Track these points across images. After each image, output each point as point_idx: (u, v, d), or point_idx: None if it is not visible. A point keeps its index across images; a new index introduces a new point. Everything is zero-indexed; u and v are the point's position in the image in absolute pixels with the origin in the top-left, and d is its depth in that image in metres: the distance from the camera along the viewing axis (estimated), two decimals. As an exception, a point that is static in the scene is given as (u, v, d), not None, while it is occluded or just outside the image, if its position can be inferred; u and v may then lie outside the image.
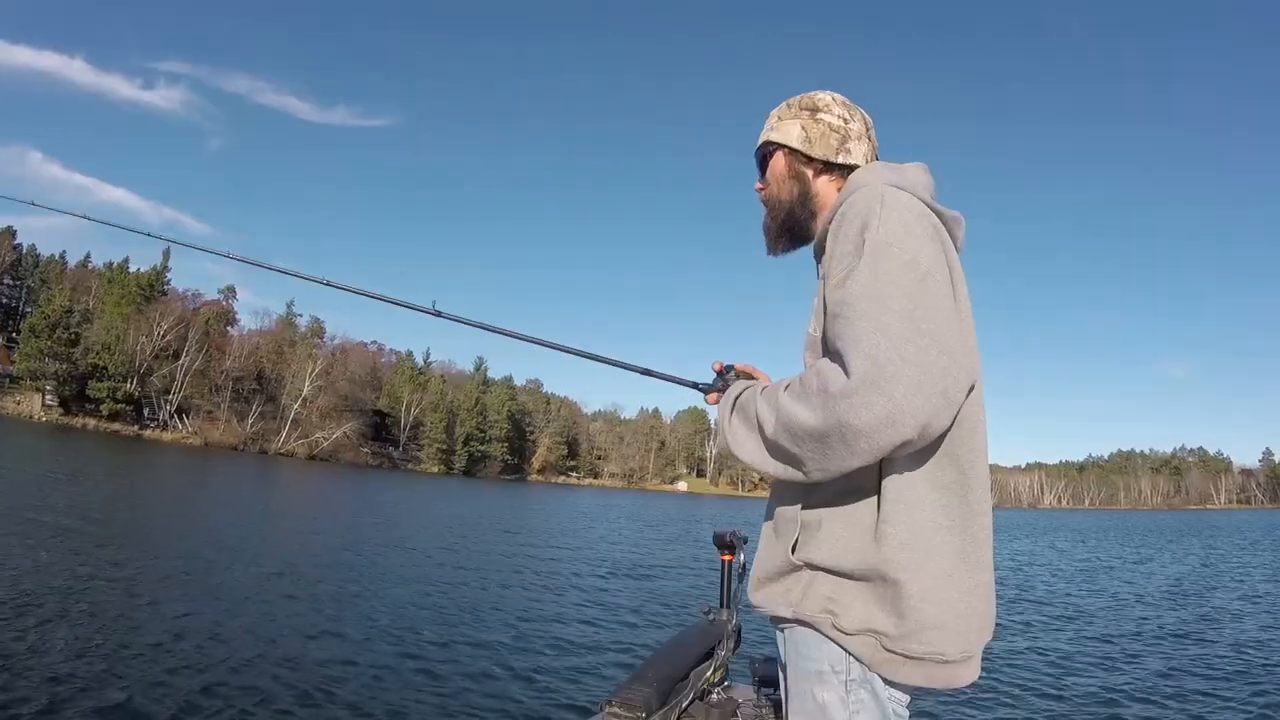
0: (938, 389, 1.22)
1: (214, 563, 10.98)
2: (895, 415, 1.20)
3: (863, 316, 1.25)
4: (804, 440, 1.29)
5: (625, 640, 8.88)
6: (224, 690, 5.78)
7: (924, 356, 1.22)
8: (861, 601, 1.36)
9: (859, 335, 1.24)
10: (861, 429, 1.21)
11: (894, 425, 1.20)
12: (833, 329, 1.31)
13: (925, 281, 1.29)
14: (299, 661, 6.75)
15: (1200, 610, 13.32)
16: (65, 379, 63.67)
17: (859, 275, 1.30)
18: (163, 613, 7.82)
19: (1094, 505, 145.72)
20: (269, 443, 73.47)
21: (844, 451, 1.25)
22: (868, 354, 1.22)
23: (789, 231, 1.72)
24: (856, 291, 1.28)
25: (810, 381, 1.30)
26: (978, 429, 1.41)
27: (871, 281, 1.28)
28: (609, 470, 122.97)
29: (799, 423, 1.29)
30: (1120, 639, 10.36)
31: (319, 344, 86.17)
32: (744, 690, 2.49)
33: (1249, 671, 8.57)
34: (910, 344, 1.22)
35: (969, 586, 1.36)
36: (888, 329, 1.23)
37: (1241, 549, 30.37)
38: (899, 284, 1.27)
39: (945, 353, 1.24)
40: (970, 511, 1.38)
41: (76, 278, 74.37)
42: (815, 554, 1.41)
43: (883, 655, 1.34)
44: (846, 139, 1.65)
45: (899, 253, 1.30)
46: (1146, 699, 7.41)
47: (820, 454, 1.28)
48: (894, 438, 1.21)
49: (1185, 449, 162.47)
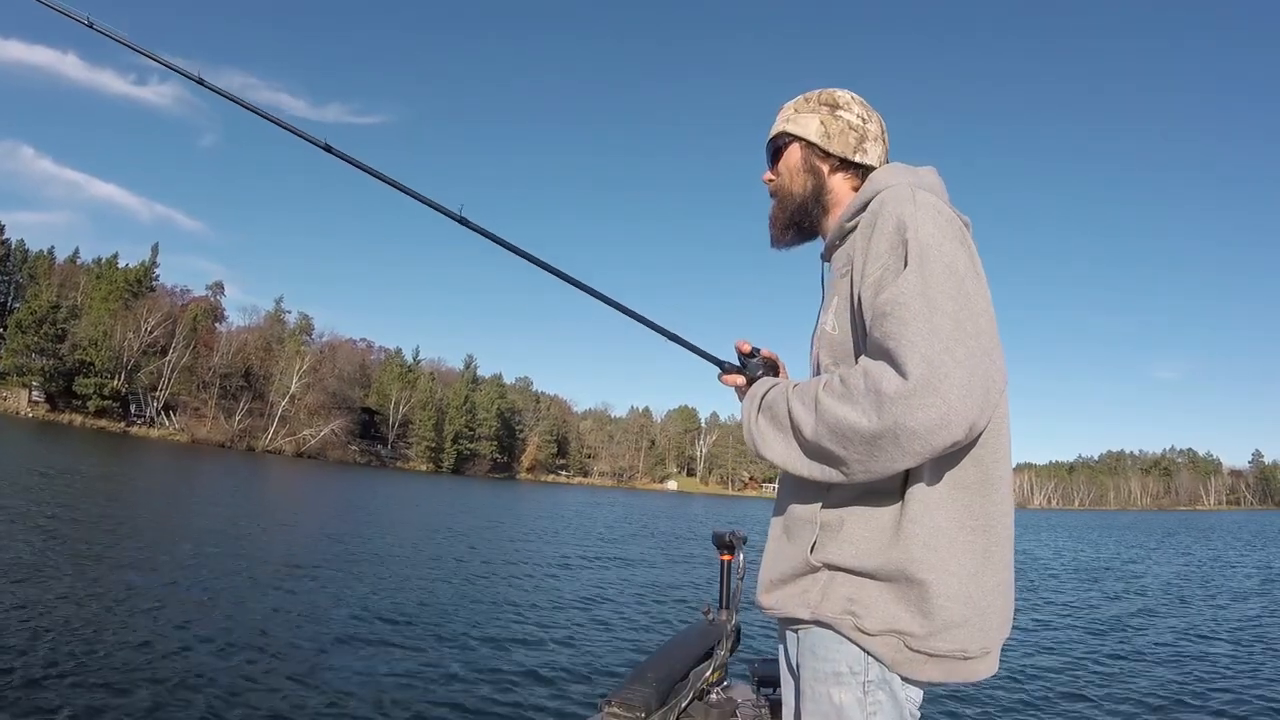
0: (984, 389, 1.23)
1: (196, 561, 10.90)
2: (950, 417, 1.20)
3: (916, 317, 1.25)
4: (852, 443, 1.28)
5: (624, 640, 8.87)
6: (214, 690, 5.74)
7: (971, 358, 1.23)
8: (884, 602, 1.35)
9: (914, 337, 1.24)
10: (918, 431, 1.21)
11: (948, 427, 1.21)
12: (881, 329, 1.29)
13: (965, 283, 1.30)
14: (295, 663, 6.70)
15: (1196, 606, 13.42)
16: (52, 375, 63.24)
17: (909, 277, 1.29)
18: (143, 610, 7.76)
19: (1083, 506, 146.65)
20: (256, 440, 73.20)
21: (895, 453, 1.25)
22: (924, 356, 1.22)
23: (797, 225, 1.70)
24: (908, 291, 1.28)
25: (856, 383, 1.29)
26: (1001, 429, 1.41)
27: (920, 283, 1.27)
28: (599, 469, 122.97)
29: (848, 425, 1.28)
30: (1119, 635, 10.44)
31: (307, 341, 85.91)
32: (743, 690, 2.49)
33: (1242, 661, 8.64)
34: (960, 346, 1.23)
35: (992, 585, 1.37)
36: (940, 331, 1.23)
37: (1244, 548, 30.61)
38: (944, 286, 1.27)
39: (987, 354, 1.25)
40: (993, 511, 1.38)
41: (65, 273, 73.85)
42: (836, 555, 1.40)
43: (906, 655, 1.34)
44: (865, 138, 1.64)
45: (940, 255, 1.31)
46: (1146, 694, 7.46)
47: (868, 456, 1.28)
48: (947, 439, 1.22)
49: (1175, 450, 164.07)
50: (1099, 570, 20.84)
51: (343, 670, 6.63)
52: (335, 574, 11.31)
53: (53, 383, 63.45)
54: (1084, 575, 19.32)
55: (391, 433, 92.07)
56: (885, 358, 1.28)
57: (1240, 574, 20.62)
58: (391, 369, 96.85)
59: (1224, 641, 10.45)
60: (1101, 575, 19.47)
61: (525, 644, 8.24)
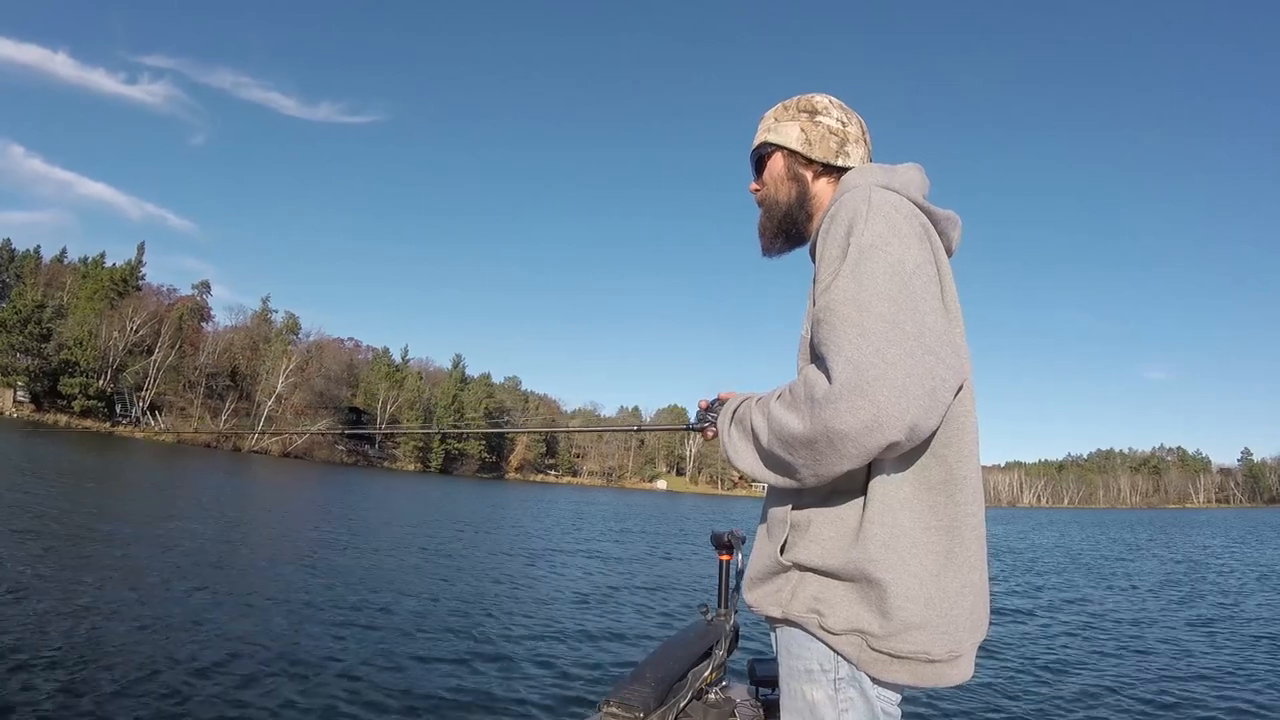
0: (924, 389, 1.23)
1: (181, 561, 10.82)
2: (880, 418, 1.21)
3: (845, 321, 1.26)
4: (796, 447, 1.31)
5: (623, 640, 8.86)
6: (205, 689, 5.70)
7: (908, 358, 1.22)
8: (847, 601, 1.37)
9: (840, 340, 1.25)
10: (847, 433, 1.22)
11: (880, 428, 1.21)
12: (817, 334, 1.32)
13: (910, 282, 1.29)
14: (291, 663, 6.65)
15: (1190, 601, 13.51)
16: (37, 375, 62.70)
17: (841, 280, 1.30)
18: (126, 611, 7.70)
19: (1073, 504, 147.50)
20: (242, 440, 72.77)
21: (833, 456, 1.26)
22: (849, 359, 1.23)
23: (785, 233, 1.72)
24: (839, 296, 1.29)
25: (798, 389, 1.32)
26: (966, 428, 1.42)
27: (854, 286, 1.28)
28: (588, 469, 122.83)
29: (789, 430, 1.31)
30: (1117, 630, 10.48)
31: (294, 340, 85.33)
32: (741, 690, 2.50)
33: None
34: (894, 346, 1.22)
35: (957, 586, 1.36)
36: (870, 333, 1.24)
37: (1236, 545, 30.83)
38: (882, 287, 1.27)
39: (930, 353, 1.25)
40: (958, 511, 1.38)
41: (51, 273, 73.37)
42: (803, 554, 1.43)
43: (869, 655, 1.35)
44: (845, 142, 1.67)
45: (883, 255, 1.30)
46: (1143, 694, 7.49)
47: (812, 460, 1.30)
48: (880, 440, 1.22)
49: (1164, 448, 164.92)
50: (1089, 564, 20.98)
51: (342, 670, 6.58)
52: (326, 577, 11.25)
53: (38, 383, 62.89)
54: (1076, 569, 19.42)
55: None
56: (819, 362, 1.31)
57: (1227, 568, 20.78)
58: (379, 368, 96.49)
59: (1217, 635, 10.52)
60: (1091, 568, 19.59)
61: (523, 644, 8.21)
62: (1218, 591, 15.95)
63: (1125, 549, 29.09)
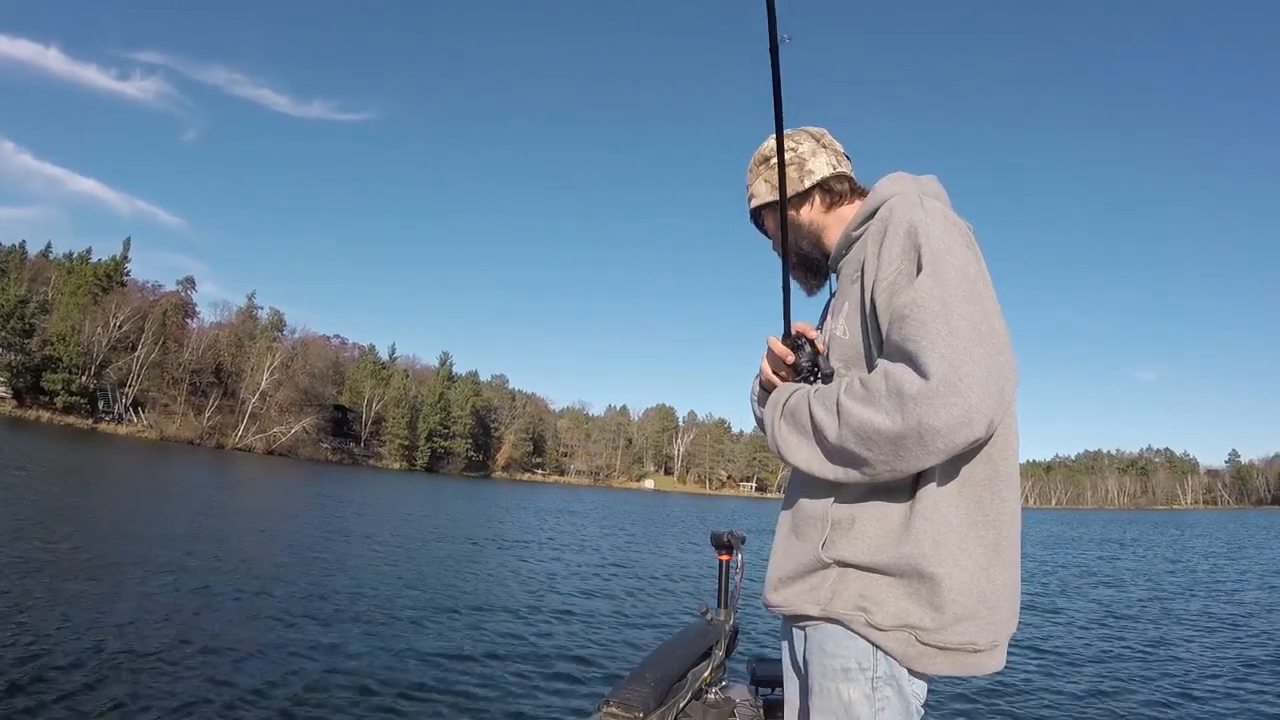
0: (999, 387, 1.27)
1: (164, 561, 10.75)
2: (971, 414, 1.24)
3: (935, 319, 1.29)
4: (876, 444, 1.32)
5: (622, 640, 8.85)
6: (198, 690, 5.65)
7: (988, 358, 1.27)
8: (895, 597, 1.39)
9: (933, 338, 1.28)
10: (941, 429, 1.25)
11: (970, 424, 1.25)
12: (900, 332, 1.34)
13: (976, 286, 1.35)
14: (293, 665, 6.62)
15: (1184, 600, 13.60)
16: (19, 370, 62.07)
17: (925, 281, 1.34)
18: (107, 611, 7.63)
19: (1060, 505, 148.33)
20: (226, 437, 72.36)
21: (919, 452, 1.29)
22: (944, 356, 1.26)
23: (810, 269, 1.79)
24: (924, 295, 1.32)
25: (878, 385, 1.32)
26: (1010, 427, 1.46)
27: (937, 287, 1.32)
28: (575, 467, 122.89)
29: (872, 427, 1.31)
30: (1116, 627, 10.54)
31: (279, 337, 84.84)
32: (741, 690, 2.51)
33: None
34: (978, 345, 1.27)
35: (1002, 580, 1.40)
36: (958, 331, 1.27)
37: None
38: (959, 289, 1.32)
39: (1002, 354, 1.29)
40: (1003, 507, 1.42)
41: (36, 268, 72.70)
42: (847, 551, 1.43)
43: (917, 649, 1.37)
44: (804, 164, 1.72)
45: (953, 259, 1.36)
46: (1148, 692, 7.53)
47: (893, 456, 1.31)
48: (968, 436, 1.26)
49: (1152, 450, 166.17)
50: (1086, 566, 21.13)
51: (340, 671, 6.56)
52: (323, 577, 11.19)
53: (20, 378, 62.26)
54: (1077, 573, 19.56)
55: (365, 430, 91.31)
56: (905, 359, 1.32)
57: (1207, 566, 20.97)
58: (365, 366, 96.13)
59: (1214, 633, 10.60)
60: (1087, 570, 19.74)
61: (523, 645, 8.20)
62: (1206, 587, 16.06)
63: (1116, 547, 29.31)
